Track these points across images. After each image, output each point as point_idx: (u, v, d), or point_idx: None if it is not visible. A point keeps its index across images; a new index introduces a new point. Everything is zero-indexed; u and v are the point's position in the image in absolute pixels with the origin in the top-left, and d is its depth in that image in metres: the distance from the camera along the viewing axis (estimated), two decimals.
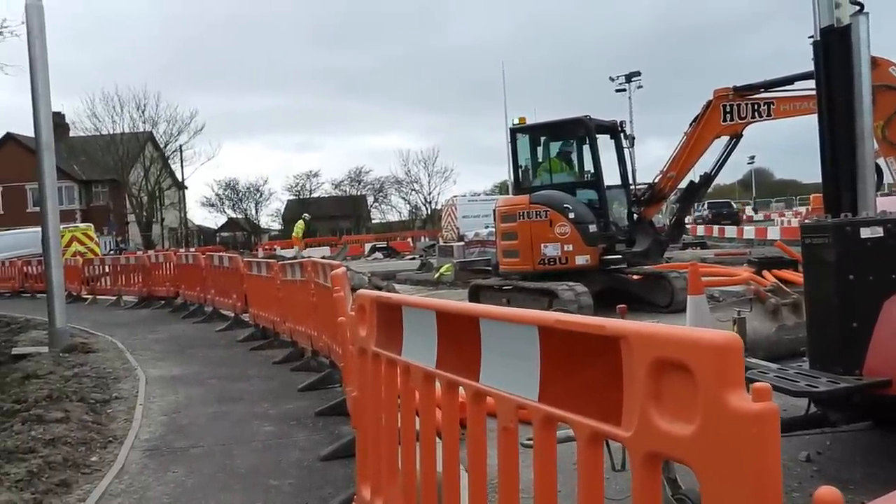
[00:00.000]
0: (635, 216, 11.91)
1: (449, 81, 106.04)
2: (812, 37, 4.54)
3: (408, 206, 73.77)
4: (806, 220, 4.95)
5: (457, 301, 2.79)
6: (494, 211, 12.71)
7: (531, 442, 1.96)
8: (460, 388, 2.29)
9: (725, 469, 1.27)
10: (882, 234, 4.12)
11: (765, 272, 13.16)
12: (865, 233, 4.13)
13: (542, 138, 12.54)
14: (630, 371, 1.48)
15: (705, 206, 45.55)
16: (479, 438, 2.18)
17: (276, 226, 73.96)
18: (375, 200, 74.09)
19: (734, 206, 52.16)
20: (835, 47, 4.39)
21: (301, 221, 32.54)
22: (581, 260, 11.20)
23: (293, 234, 32.95)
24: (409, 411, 2.67)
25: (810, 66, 9.20)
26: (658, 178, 11.74)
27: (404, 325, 2.65)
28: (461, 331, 2.20)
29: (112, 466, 4.96)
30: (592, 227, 11.26)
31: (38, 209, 10.97)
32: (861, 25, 4.28)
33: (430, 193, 71.18)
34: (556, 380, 1.76)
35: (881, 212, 4.46)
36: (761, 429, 1.22)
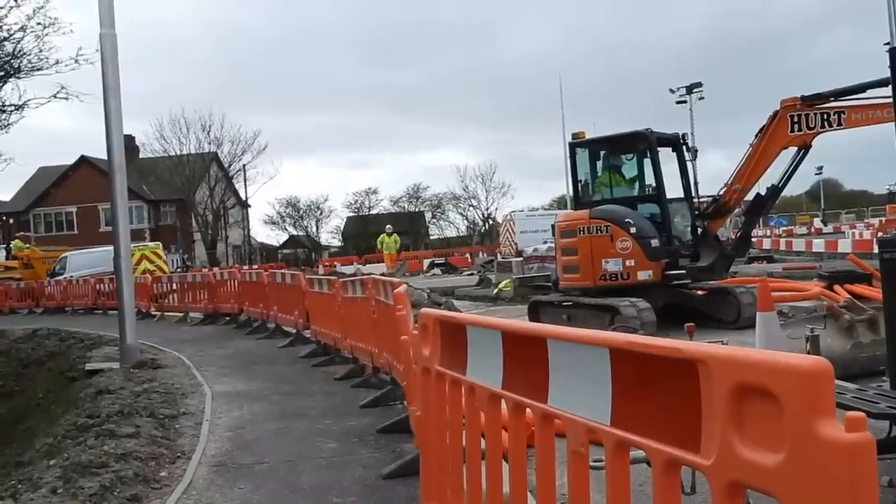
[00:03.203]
0: (699, 230, 11.64)
1: (502, 96, 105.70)
2: (888, 43, 4.37)
3: (465, 221, 73.90)
4: (883, 234, 4.74)
5: (519, 319, 2.75)
6: (554, 226, 12.59)
7: (599, 463, 1.91)
8: (527, 409, 2.25)
9: (816, 502, 1.20)
10: None
11: (837, 287, 12.67)
12: None
13: (602, 152, 12.39)
14: (709, 396, 1.42)
15: None
16: (547, 461, 2.13)
17: (336, 242, 74.98)
18: (433, 216, 74.45)
19: None
20: None
21: (386, 236, 30.85)
22: (643, 275, 10.99)
23: (384, 250, 31.64)
24: (474, 431, 2.63)
25: (879, 73, 8.91)
26: (723, 190, 11.46)
27: (469, 345, 2.62)
28: (528, 351, 2.16)
29: (181, 482, 5.05)
30: (654, 242, 11.04)
31: (110, 229, 11.34)
32: None
33: (487, 209, 71.19)
34: (628, 403, 1.71)
35: None
36: (856, 461, 1.14)
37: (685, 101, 44.62)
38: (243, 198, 61.67)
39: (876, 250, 22.00)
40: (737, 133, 75.85)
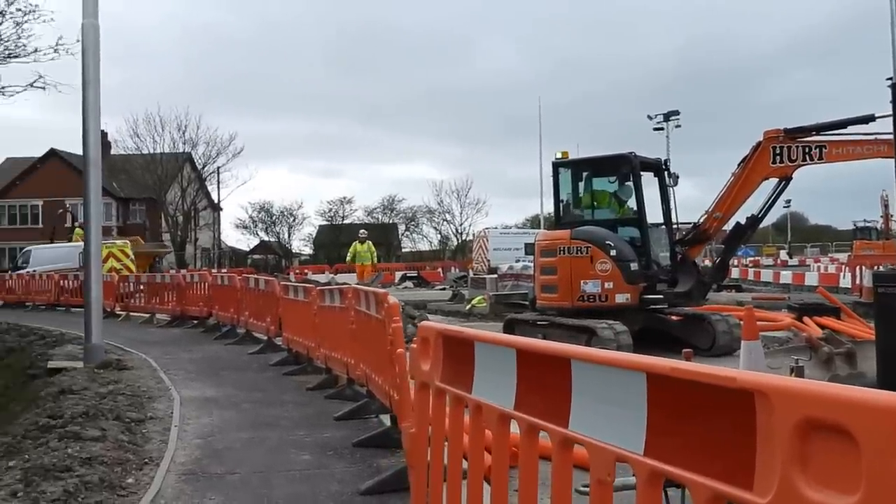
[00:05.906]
0: (678, 256, 11.69)
1: (476, 115, 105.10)
2: (890, 79, 4.39)
3: (439, 235, 73.86)
4: (880, 269, 4.74)
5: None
6: (530, 245, 12.58)
7: (586, 489, 1.83)
8: (541, 432, 2.15)
9: None
10: None
11: (806, 319, 12.84)
12: None
13: (585, 173, 12.42)
14: (767, 429, 1.33)
15: None
16: (564, 487, 2.03)
17: (308, 250, 74.42)
18: (407, 229, 74.28)
19: None
20: None
21: (358, 243, 26.28)
22: (621, 298, 11.00)
23: (356, 259, 26.43)
24: (478, 451, 2.52)
25: (850, 111, 9.07)
26: (703, 217, 11.53)
27: (476, 362, 2.51)
28: (547, 372, 2.06)
29: (148, 490, 4.85)
30: (634, 266, 11.06)
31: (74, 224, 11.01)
32: None
33: (461, 224, 71.26)
34: (666, 432, 1.61)
35: None
36: None
37: (662, 128, 45.17)
38: (215, 200, 60.94)
39: (842, 284, 22.25)
40: (704, 162, 76.64)
